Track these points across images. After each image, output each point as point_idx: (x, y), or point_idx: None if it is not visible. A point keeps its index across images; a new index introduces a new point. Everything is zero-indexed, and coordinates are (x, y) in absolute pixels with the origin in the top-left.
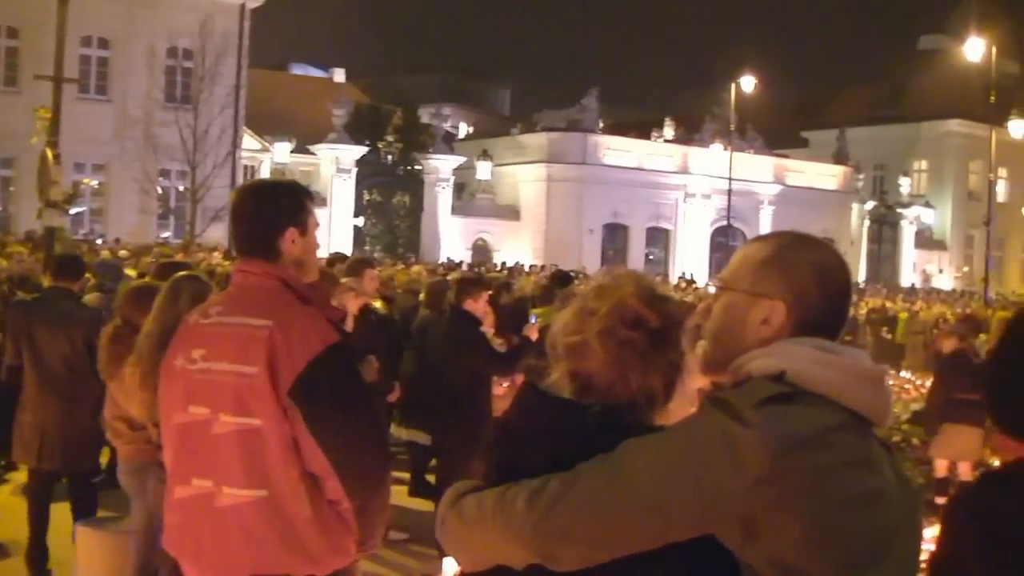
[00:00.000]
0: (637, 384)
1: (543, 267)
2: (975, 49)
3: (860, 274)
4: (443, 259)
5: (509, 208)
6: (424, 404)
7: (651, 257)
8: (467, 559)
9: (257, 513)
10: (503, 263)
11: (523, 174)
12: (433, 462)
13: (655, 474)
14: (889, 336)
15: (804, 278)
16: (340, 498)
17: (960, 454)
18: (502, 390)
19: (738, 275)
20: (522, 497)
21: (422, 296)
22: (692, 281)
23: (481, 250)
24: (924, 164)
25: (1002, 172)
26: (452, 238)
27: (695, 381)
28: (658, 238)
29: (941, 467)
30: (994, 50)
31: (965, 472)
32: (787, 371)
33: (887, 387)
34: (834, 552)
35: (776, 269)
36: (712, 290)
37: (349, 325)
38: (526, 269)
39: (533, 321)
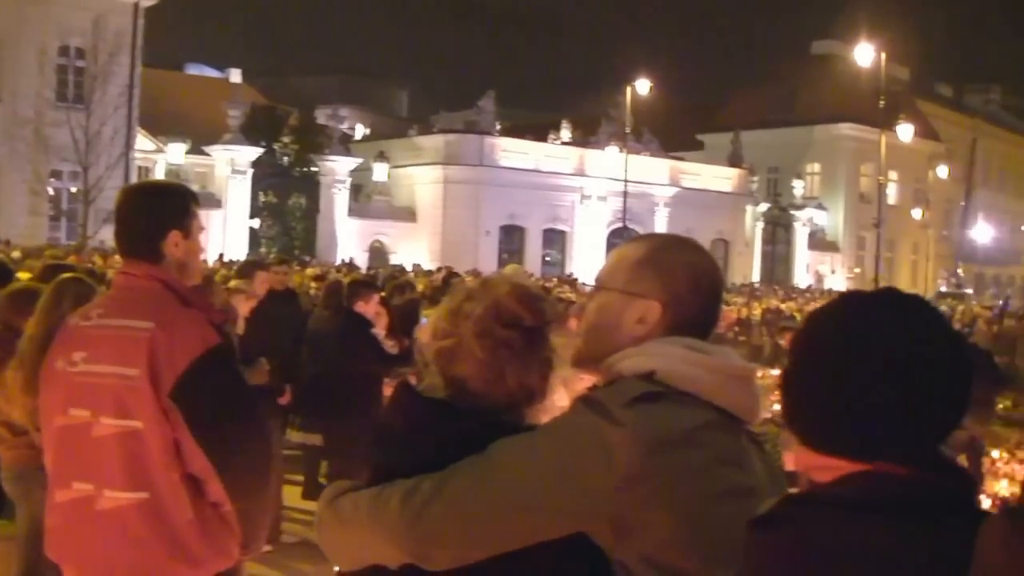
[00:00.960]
0: (515, 383)
1: (439, 269)
2: (865, 54)
3: (755, 275)
4: (339, 261)
5: (406, 210)
6: (317, 406)
7: (548, 259)
8: (343, 559)
9: (138, 516)
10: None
11: (420, 176)
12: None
13: (526, 473)
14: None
15: (679, 278)
16: (222, 500)
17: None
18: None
19: (614, 275)
20: (396, 497)
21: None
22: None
23: (378, 252)
24: (817, 167)
25: (892, 175)
26: (348, 240)
27: (569, 380)
28: (555, 240)
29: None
30: (883, 56)
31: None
32: (657, 370)
33: (756, 386)
34: (705, 548)
35: (652, 269)
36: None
37: (240, 327)
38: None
39: (424, 323)
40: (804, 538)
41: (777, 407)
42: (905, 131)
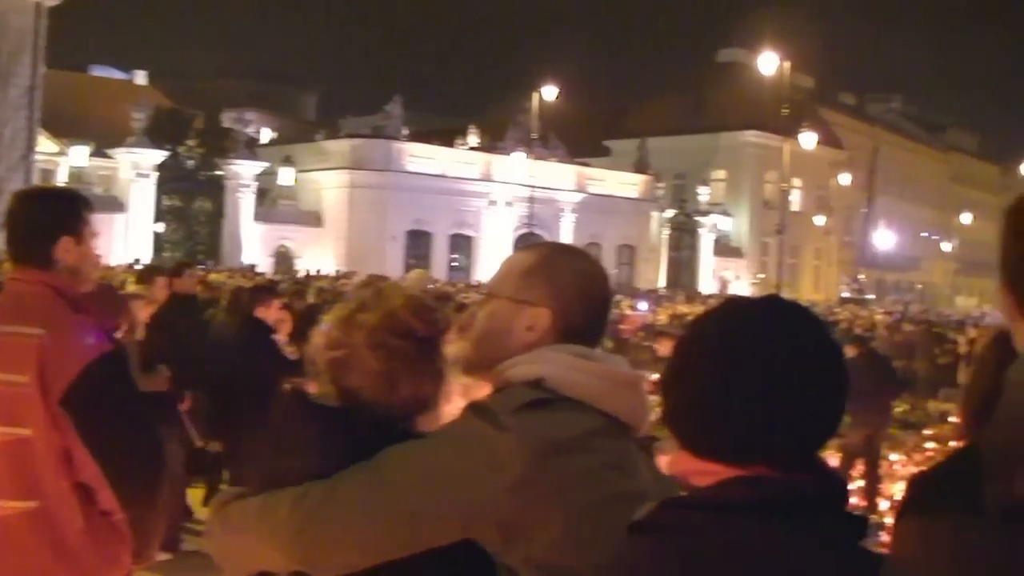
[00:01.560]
0: (408, 393)
1: (346, 273)
2: (769, 63)
3: (660, 281)
4: (244, 265)
5: (312, 214)
6: (217, 412)
7: (455, 264)
8: (232, 566)
9: (27, 525)
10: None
11: (326, 180)
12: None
13: (414, 480)
14: None
15: (568, 286)
16: (113, 508)
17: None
18: None
19: (504, 282)
20: (285, 504)
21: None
22: None
23: (283, 257)
24: (722, 173)
25: (796, 182)
26: (253, 244)
27: (471, 388)
28: (461, 245)
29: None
30: (787, 65)
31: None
32: (546, 377)
33: (643, 392)
34: (592, 553)
35: (541, 277)
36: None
37: (140, 334)
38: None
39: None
40: (683, 542)
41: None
42: (808, 139)
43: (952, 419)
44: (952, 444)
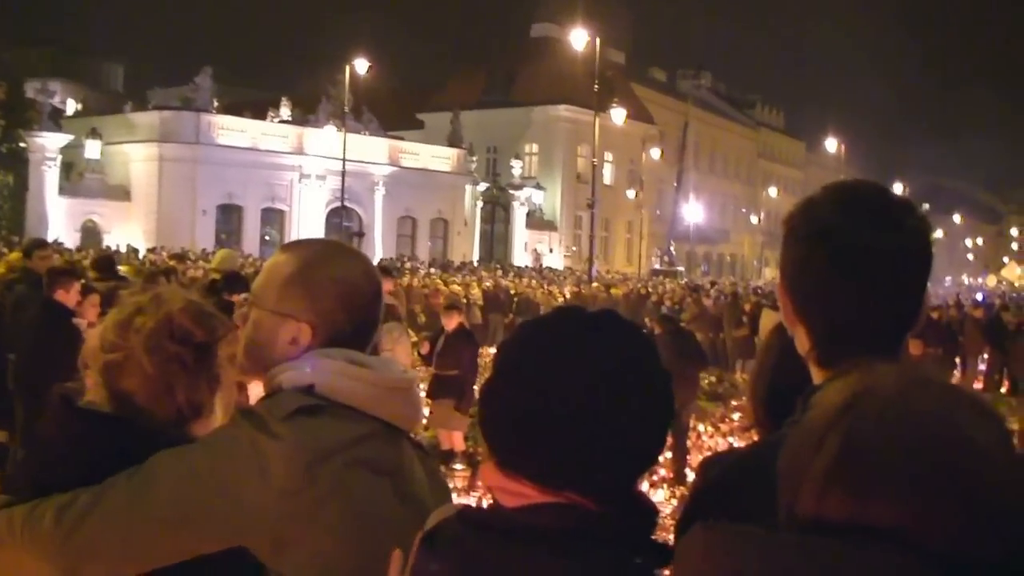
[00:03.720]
0: (184, 399)
1: (154, 249)
2: (580, 38)
3: (474, 254)
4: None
5: (120, 188)
6: (7, 402)
7: (267, 238)
8: None
9: None
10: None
11: (134, 153)
12: None
13: (182, 487)
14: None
15: (328, 297)
16: None
17: (444, 425)
18: None
19: (265, 293)
20: (50, 513)
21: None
22: None
23: (90, 232)
24: (535, 147)
25: (608, 156)
26: (59, 220)
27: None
28: (273, 219)
29: (444, 439)
30: (598, 40)
31: (459, 444)
32: (316, 384)
33: (415, 397)
34: (363, 560)
35: (300, 289)
36: None
37: None
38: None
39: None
40: (467, 562)
41: None
42: (619, 114)
43: None
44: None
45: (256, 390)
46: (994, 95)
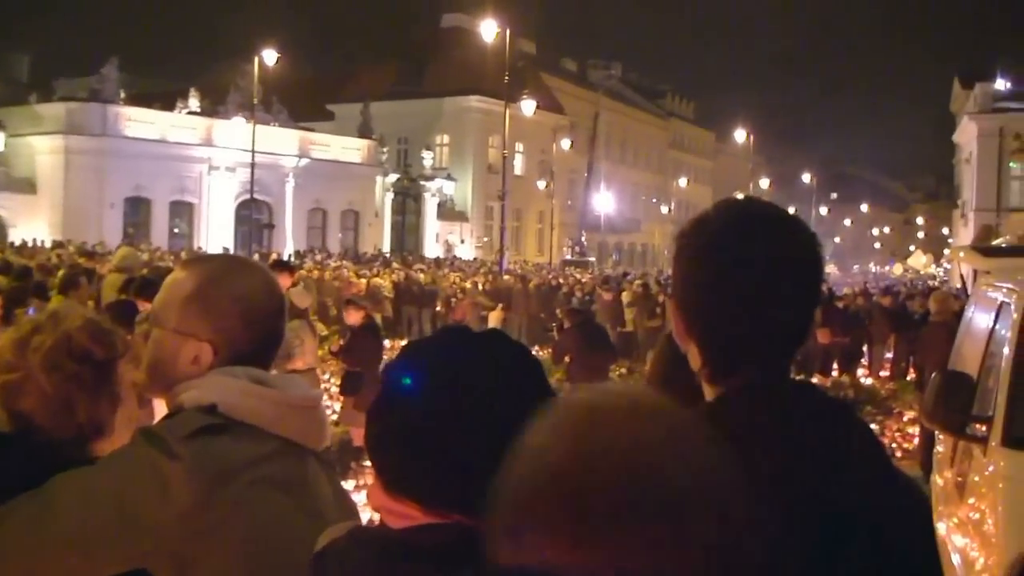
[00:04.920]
0: (84, 417)
1: (60, 243)
2: (491, 29)
3: (385, 245)
4: None
5: (24, 181)
6: None
7: (176, 231)
8: None
9: None
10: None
11: (40, 145)
12: None
13: (83, 510)
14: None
15: (228, 317)
16: None
17: (354, 422)
18: None
19: (166, 312)
20: None
21: None
22: None
23: None
24: (446, 138)
25: (519, 147)
26: None
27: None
28: (182, 212)
29: (356, 435)
30: (508, 31)
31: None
32: (219, 403)
33: (319, 415)
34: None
35: (200, 308)
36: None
37: None
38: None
39: (31, 312)
40: None
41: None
42: (529, 105)
43: None
44: None
45: (161, 406)
46: (900, 86)
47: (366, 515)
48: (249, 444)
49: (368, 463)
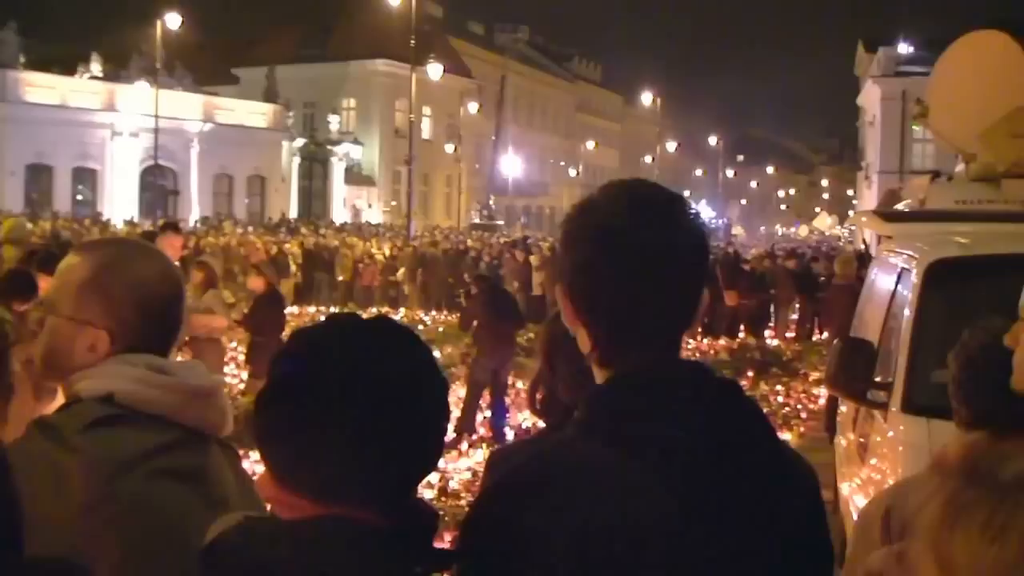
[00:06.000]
0: None
1: None
2: None
3: (292, 211)
4: None
5: None
6: None
7: (79, 198)
8: None
9: None
10: None
11: None
12: None
13: None
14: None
15: (124, 303)
16: None
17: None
18: None
19: (61, 299)
20: None
21: None
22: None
23: None
24: (353, 102)
25: (426, 111)
26: None
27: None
28: (86, 178)
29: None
30: None
31: None
32: (116, 392)
33: (220, 401)
34: (168, 572)
35: (95, 295)
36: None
37: None
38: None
39: None
40: (243, 574)
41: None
42: (436, 70)
43: None
44: None
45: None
46: (804, 49)
47: None
48: (146, 434)
49: None
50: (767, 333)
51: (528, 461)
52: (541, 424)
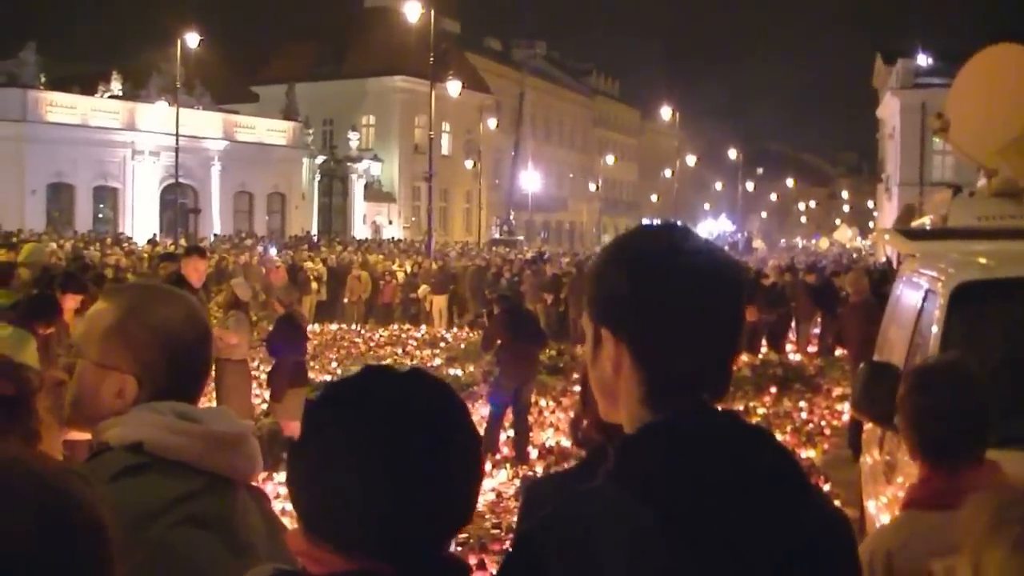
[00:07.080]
0: None
1: None
2: (414, 9)
3: (313, 227)
4: None
5: None
6: None
7: (100, 217)
8: None
9: None
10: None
11: None
12: None
13: None
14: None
15: (149, 349)
16: None
17: (285, 414)
18: None
19: (88, 344)
20: None
21: None
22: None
23: None
24: (372, 119)
25: (445, 127)
26: None
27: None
28: (106, 197)
29: (286, 426)
30: (432, 12)
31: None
32: (144, 441)
33: (248, 448)
34: None
35: (120, 340)
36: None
37: None
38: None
39: None
40: None
41: None
42: (454, 86)
43: None
44: None
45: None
46: (823, 62)
47: None
48: (173, 483)
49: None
50: (788, 348)
51: (558, 512)
52: (565, 443)
